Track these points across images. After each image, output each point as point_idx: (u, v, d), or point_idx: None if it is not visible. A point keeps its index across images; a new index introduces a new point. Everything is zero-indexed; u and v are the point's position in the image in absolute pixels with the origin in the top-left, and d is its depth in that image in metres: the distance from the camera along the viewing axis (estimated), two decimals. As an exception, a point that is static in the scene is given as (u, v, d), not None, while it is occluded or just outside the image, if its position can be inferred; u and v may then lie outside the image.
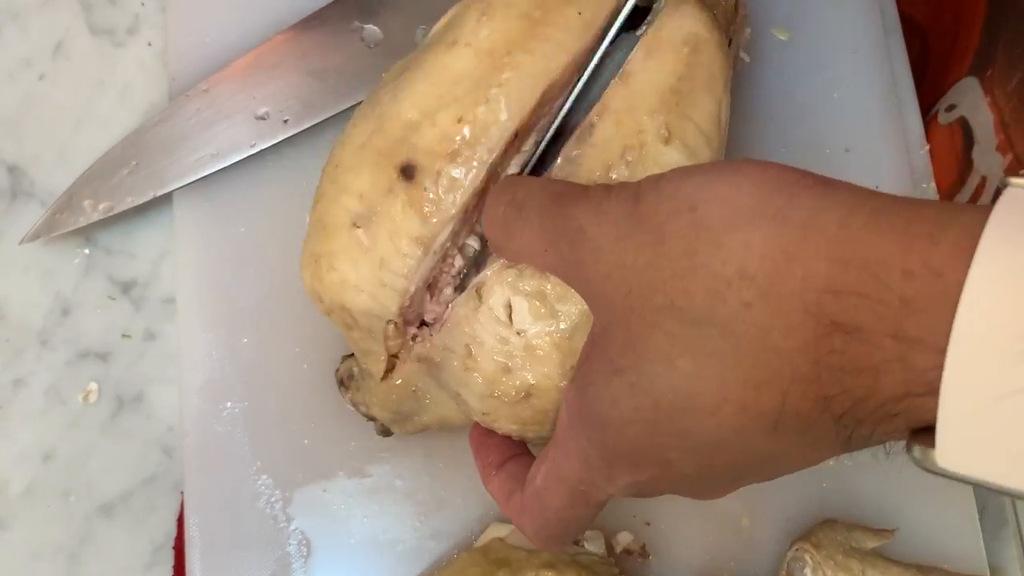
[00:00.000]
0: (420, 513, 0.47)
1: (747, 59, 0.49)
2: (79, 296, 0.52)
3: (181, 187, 0.50)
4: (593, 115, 0.37)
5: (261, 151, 0.50)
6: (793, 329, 0.26)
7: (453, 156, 0.37)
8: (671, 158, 0.37)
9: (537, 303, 0.35)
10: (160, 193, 0.50)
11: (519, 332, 0.36)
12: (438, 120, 0.37)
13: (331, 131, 0.51)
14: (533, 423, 0.37)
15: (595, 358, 0.30)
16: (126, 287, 0.52)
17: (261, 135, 0.50)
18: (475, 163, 0.37)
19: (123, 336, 0.51)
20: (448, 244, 0.38)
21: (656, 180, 0.30)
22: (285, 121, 0.50)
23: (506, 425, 0.38)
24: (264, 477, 0.48)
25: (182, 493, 0.49)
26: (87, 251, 0.52)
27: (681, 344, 0.27)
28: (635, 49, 0.37)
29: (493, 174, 0.37)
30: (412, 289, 0.38)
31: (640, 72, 0.37)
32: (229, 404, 0.48)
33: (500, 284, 0.36)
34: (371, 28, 0.51)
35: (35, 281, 0.52)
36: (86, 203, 0.50)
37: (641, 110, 0.36)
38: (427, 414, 0.42)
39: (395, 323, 0.38)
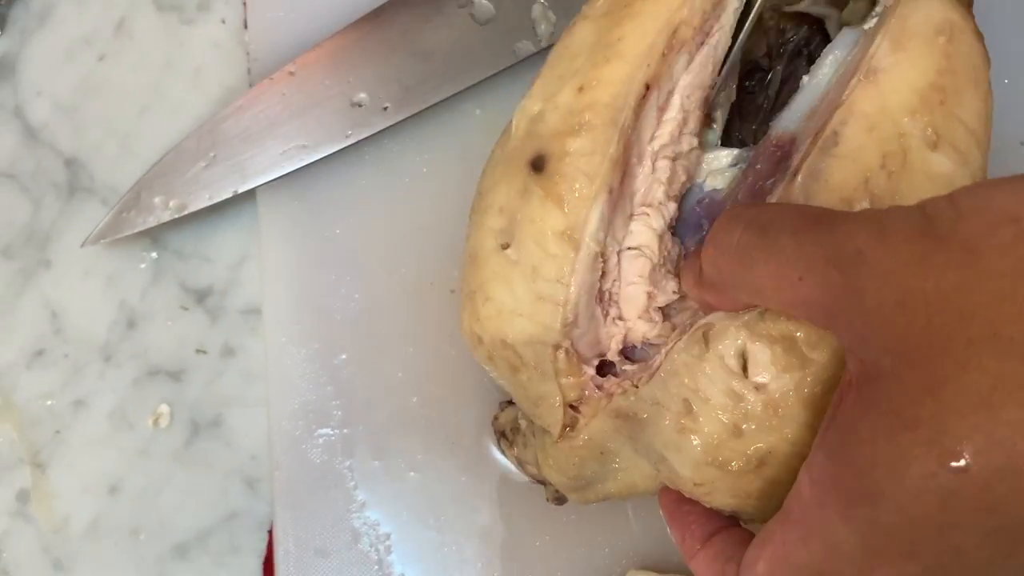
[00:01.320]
0: (542, 559, 0.41)
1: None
2: (147, 306, 0.46)
3: (266, 183, 0.44)
4: (835, 122, 0.31)
5: (357, 142, 0.44)
6: None
7: (578, 129, 0.32)
8: (942, 166, 0.31)
9: (782, 350, 0.29)
10: (242, 190, 0.44)
11: (757, 387, 0.30)
12: (559, 99, 0.33)
13: (436, 120, 0.45)
14: (759, 497, 0.31)
15: (865, 414, 0.24)
16: (200, 296, 0.46)
17: (357, 124, 0.44)
18: (605, 128, 0.32)
19: (197, 351, 0.45)
20: (603, 237, 0.33)
21: (948, 197, 0.24)
22: (384, 108, 0.44)
23: (722, 499, 0.31)
24: (367, 514, 0.42)
25: (269, 532, 0.43)
26: (155, 255, 0.46)
27: (1009, 385, 0.22)
28: (877, 43, 0.32)
29: (629, 141, 0.33)
30: (573, 298, 0.32)
31: (890, 68, 0.31)
32: (326, 431, 0.43)
33: (734, 327, 0.30)
34: (481, 2, 0.45)
35: (97, 289, 0.46)
36: (156, 200, 0.44)
37: (899, 111, 0.31)
38: (614, 482, 0.35)
39: (565, 349, 0.32)
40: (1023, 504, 0.22)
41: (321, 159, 0.44)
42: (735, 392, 0.30)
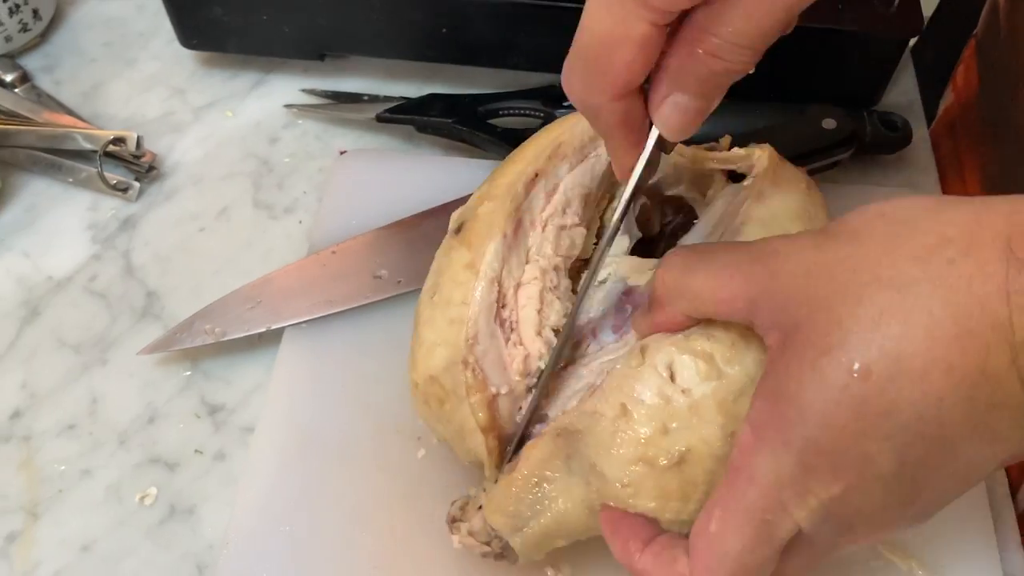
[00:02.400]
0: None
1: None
2: (168, 409, 0.54)
3: (293, 324, 0.55)
4: (736, 224, 0.42)
5: (372, 303, 0.55)
6: (991, 275, 0.28)
7: (486, 201, 0.44)
8: None
9: (704, 363, 0.36)
10: (274, 327, 0.55)
11: (683, 391, 0.37)
12: (478, 192, 0.46)
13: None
14: (677, 497, 0.36)
15: (790, 361, 0.31)
16: (213, 409, 0.54)
17: (375, 291, 0.55)
18: (503, 197, 0.44)
19: (196, 451, 0.53)
20: (499, 267, 0.42)
21: (835, 220, 0.34)
22: (399, 282, 0.55)
23: (645, 501, 0.37)
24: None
25: (203, 607, 0.47)
26: (188, 372, 0.56)
27: (889, 309, 0.29)
28: (759, 183, 0.44)
29: (520, 206, 0.44)
30: (473, 314, 0.41)
31: (773, 195, 0.44)
32: (282, 527, 0.48)
33: (666, 344, 0.38)
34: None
35: (135, 389, 0.55)
36: (206, 327, 0.55)
37: (783, 220, 0.42)
38: (549, 513, 0.40)
39: (471, 365, 0.40)
40: (909, 404, 0.29)
41: (341, 312, 0.55)
42: (666, 396, 0.37)
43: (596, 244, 0.46)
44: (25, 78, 0.68)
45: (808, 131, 0.62)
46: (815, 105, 0.62)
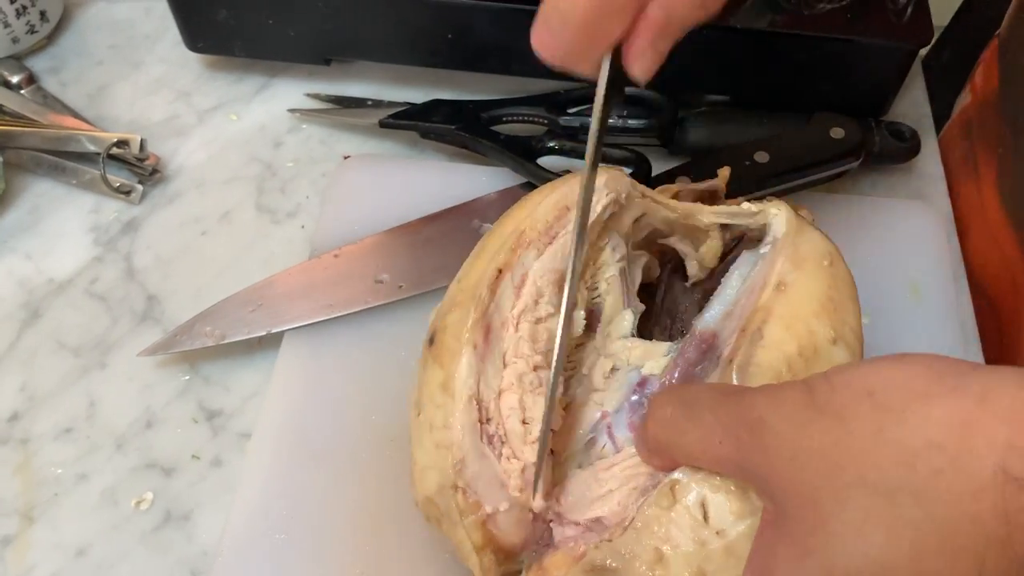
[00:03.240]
0: None
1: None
2: (166, 414, 0.54)
3: (293, 328, 0.54)
4: (758, 321, 0.40)
5: (373, 308, 0.55)
6: (983, 491, 0.27)
7: (453, 308, 0.43)
8: (839, 356, 0.40)
9: (737, 501, 0.35)
10: (274, 330, 0.54)
11: (718, 532, 0.35)
12: (447, 292, 0.45)
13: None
14: None
15: (777, 545, 0.31)
16: (211, 415, 0.54)
17: (376, 295, 0.55)
18: (467, 303, 0.42)
19: (192, 457, 0.53)
20: (474, 383, 0.40)
21: (824, 375, 0.32)
22: (400, 287, 0.55)
23: None
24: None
25: (197, 614, 0.47)
26: (187, 377, 0.55)
27: (875, 517, 0.28)
28: (780, 264, 0.41)
29: (488, 310, 0.42)
30: (457, 438, 0.40)
31: (794, 283, 0.41)
32: (279, 536, 0.48)
33: (695, 481, 0.36)
34: (488, 226, 0.57)
35: (134, 392, 0.55)
36: (206, 329, 0.55)
37: (807, 315, 0.40)
38: None
39: (461, 489, 0.39)
40: None
41: (342, 316, 0.54)
42: (700, 538, 0.35)
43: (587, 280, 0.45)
44: (31, 79, 0.68)
45: (815, 140, 0.61)
46: (822, 114, 0.62)
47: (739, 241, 0.48)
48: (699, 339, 0.43)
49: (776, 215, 0.44)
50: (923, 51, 0.73)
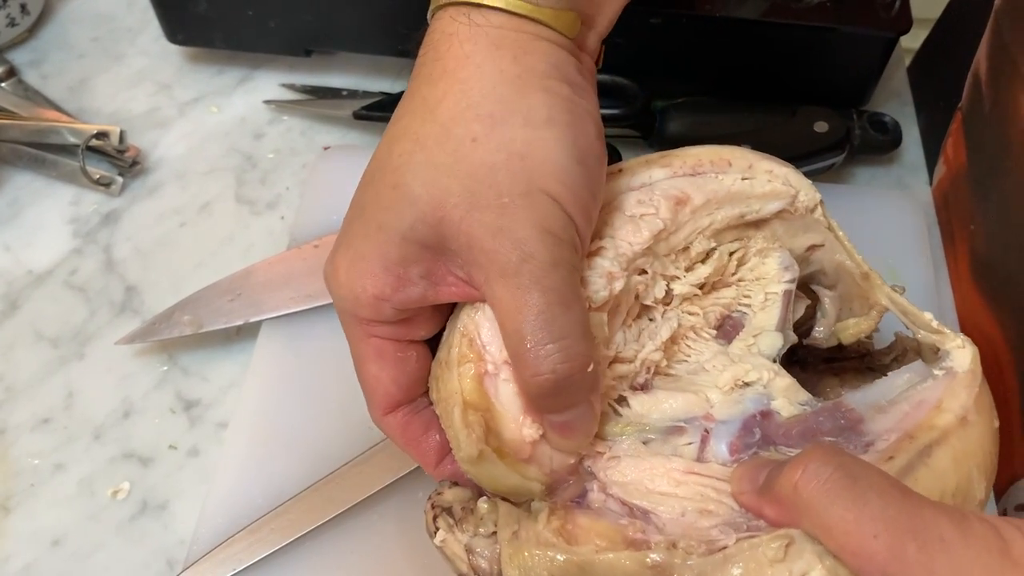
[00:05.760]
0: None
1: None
2: (144, 404, 0.54)
3: (271, 318, 0.54)
4: (930, 439, 0.37)
5: (349, 299, 0.54)
6: None
7: None
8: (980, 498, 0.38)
9: None
10: (252, 320, 0.54)
11: None
12: None
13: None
14: None
15: None
16: (189, 405, 0.54)
17: (353, 285, 0.55)
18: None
19: (170, 447, 0.52)
20: None
21: (1011, 523, 0.30)
22: (378, 277, 0.55)
23: None
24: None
25: (172, 604, 0.47)
26: (166, 368, 0.55)
27: None
28: (961, 394, 0.38)
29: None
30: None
31: (975, 425, 0.38)
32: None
33: (814, 554, 0.32)
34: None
35: (112, 382, 0.55)
36: (184, 319, 0.55)
37: (974, 463, 0.37)
38: None
39: (469, 338, 0.37)
40: None
41: (320, 306, 0.54)
42: None
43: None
44: (12, 72, 0.67)
45: (800, 134, 0.61)
46: (806, 107, 0.61)
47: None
48: (841, 412, 0.40)
49: (962, 348, 0.40)
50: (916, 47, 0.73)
